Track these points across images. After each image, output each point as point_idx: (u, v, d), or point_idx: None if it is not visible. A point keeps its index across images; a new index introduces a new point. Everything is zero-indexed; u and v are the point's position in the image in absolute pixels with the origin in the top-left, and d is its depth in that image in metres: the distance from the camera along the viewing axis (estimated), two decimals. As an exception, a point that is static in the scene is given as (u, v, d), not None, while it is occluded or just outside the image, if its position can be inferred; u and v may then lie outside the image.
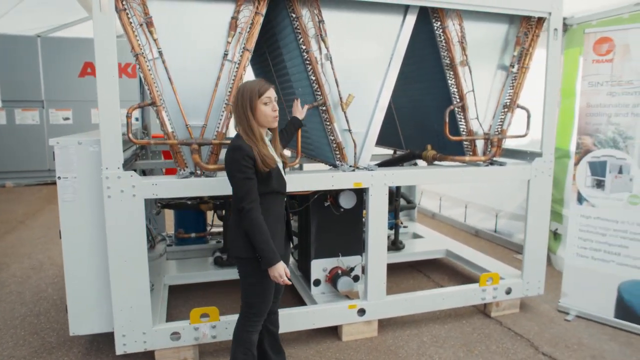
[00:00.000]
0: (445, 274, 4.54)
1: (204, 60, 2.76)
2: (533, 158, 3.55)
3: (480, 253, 4.50)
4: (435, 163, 3.69)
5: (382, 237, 3.22)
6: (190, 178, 2.82)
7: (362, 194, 3.43)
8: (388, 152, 5.01)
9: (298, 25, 2.87)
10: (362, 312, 3.25)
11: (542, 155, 3.53)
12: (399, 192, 4.76)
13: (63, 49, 9.07)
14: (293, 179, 2.98)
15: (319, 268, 3.52)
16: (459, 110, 3.37)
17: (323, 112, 3.03)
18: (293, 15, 2.87)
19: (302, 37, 2.88)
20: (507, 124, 3.49)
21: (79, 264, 2.81)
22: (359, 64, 3.07)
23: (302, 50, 2.92)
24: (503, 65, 3.42)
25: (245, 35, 2.78)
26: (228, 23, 2.74)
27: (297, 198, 3.62)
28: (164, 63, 2.67)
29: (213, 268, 4.03)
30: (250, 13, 2.76)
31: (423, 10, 3.13)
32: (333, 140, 3.10)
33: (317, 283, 3.52)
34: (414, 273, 4.56)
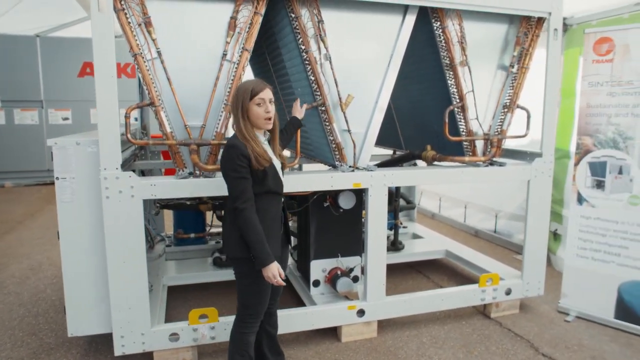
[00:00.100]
0: (445, 275, 4.54)
1: (203, 60, 2.75)
2: (533, 158, 3.54)
3: (480, 253, 4.49)
4: (435, 163, 3.68)
5: (381, 237, 3.21)
6: (189, 178, 2.82)
7: (361, 195, 3.42)
8: (387, 152, 5.01)
9: (297, 25, 2.86)
10: (361, 312, 3.24)
11: (542, 156, 3.52)
12: (399, 192, 4.75)
13: (62, 49, 9.05)
14: (292, 179, 2.98)
15: (318, 269, 3.51)
16: (459, 111, 3.37)
17: (322, 112, 3.02)
18: (292, 15, 2.86)
19: (301, 37, 2.88)
20: (506, 124, 3.48)
21: (77, 265, 2.80)
22: (359, 64, 3.06)
23: (301, 50, 2.91)
24: (503, 66, 3.41)
25: (244, 35, 2.77)
26: (227, 23, 2.73)
27: (296, 198, 3.62)
28: (163, 63, 2.66)
29: (212, 269, 4.02)
30: (250, 13, 2.75)
31: (422, 10, 3.12)
32: (332, 141, 3.09)
33: (316, 284, 3.51)
34: (414, 273, 4.55)
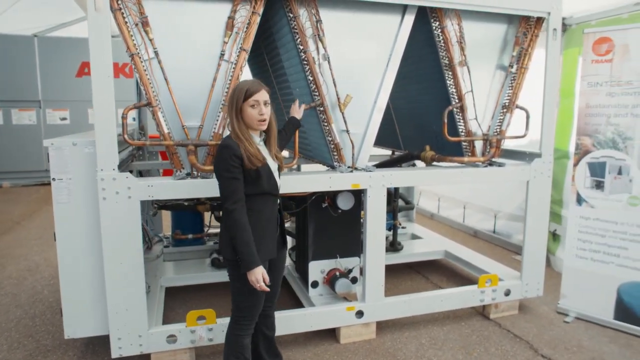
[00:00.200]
0: (444, 275, 4.52)
1: (201, 61, 2.73)
2: (532, 159, 3.53)
3: (479, 254, 4.48)
4: (434, 164, 3.67)
5: (380, 238, 3.20)
6: (187, 179, 2.80)
7: (360, 195, 3.41)
8: (386, 152, 4.99)
9: (295, 25, 2.85)
10: (360, 314, 3.22)
11: (541, 156, 3.51)
12: (397, 192, 4.73)
13: (60, 49, 9.02)
14: (290, 180, 2.96)
15: (317, 270, 3.49)
16: (458, 111, 3.35)
17: (321, 112, 3.01)
18: (290, 15, 2.85)
19: (299, 37, 2.86)
20: (506, 125, 3.47)
21: (74, 267, 2.78)
22: (357, 64, 3.05)
23: (299, 50, 2.90)
24: (502, 66, 3.40)
25: (242, 35, 2.75)
26: (225, 23, 2.72)
27: (295, 199, 3.60)
28: (160, 63, 2.65)
29: (210, 269, 4.00)
30: (247, 13, 2.74)
31: (421, 10, 3.11)
32: (331, 141, 3.08)
33: (314, 285, 3.50)
34: (413, 274, 4.54)
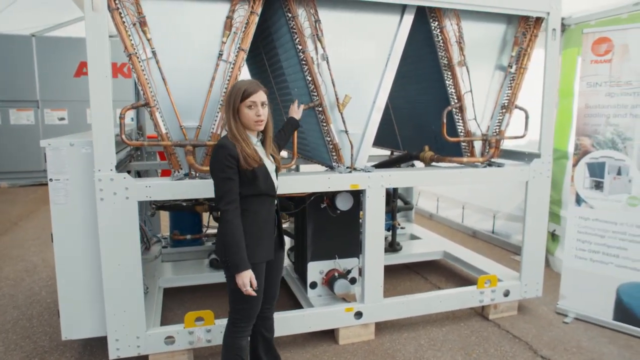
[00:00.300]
0: (443, 276, 4.52)
1: (199, 61, 2.72)
2: (531, 159, 3.52)
3: (478, 254, 4.47)
4: (433, 164, 3.66)
5: (379, 239, 3.19)
6: (185, 180, 2.79)
7: (359, 196, 3.40)
8: (385, 153, 4.98)
9: (294, 25, 2.83)
10: (359, 315, 3.21)
11: (540, 157, 3.50)
12: (396, 193, 4.73)
13: (58, 49, 8.99)
14: (289, 181, 2.95)
15: (316, 270, 3.48)
16: (457, 111, 3.34)
17: (319, 112, 2.99)
18: (289, 15, 2.84)
19: (298, 36, 2.85)
20: (505, 125, 3.46)
21: (71, 268, 2.76)
22: (356, 64, 3.04)
23: (298, 50, 2.88)
24: (501, 66, 3.39)
25: (241, 35, 2.74)
26: (223, 22, 2.70)
27: (293, 200, 3.59)
28: (158, 63, 2.63)
29: (209, 270, 3.99)
30: (246, 12, 2.72)
31: (420, 10, 3.10)
32: (330, 142, 3.07)
33: (313, 286, 3.48)
34: (412, 275, 4.53)
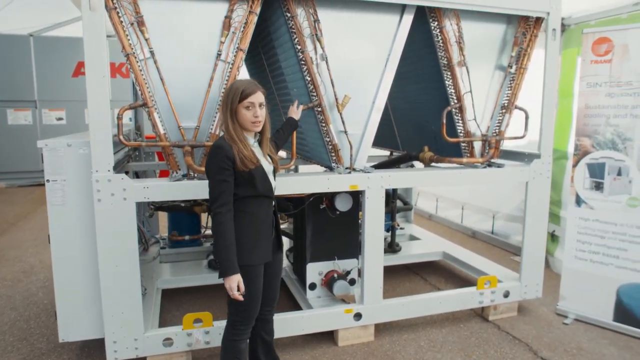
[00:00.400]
0: (443, 277, 4.50)
1: (197, 61, 2.70)
2: (531, 160, 3.51)
3: (478, 255, 4.46)
4: (433, 165, 3.65)
5: (378, 240, 3.18)
6: (183, 181, 2.77)
7: (358, 196, 3.38)
8: (384, 153, 4.97)
9: (293, 25, 2.82)
10: (358, 316, 3.20)
11: (540, 157, 3.49)
12: (396, 193, 4.71)
13: (56, 49, 8.97)
14: (288, 181, 2.94)
15: (315, 272, 3.46)
16: (457, 111, 3.33)
17: (318, 113, 2.98)
18: (288, 15, 2.82)
19: (297, 36, 2.83)
20: (504, 125, 3.45)
21: (69, 270, 2.74)
22: (356, 64, 3.02)
23: (297, 50, 2.87)
24: (501, 66, 3.38)
25: (239, 35, 2.72)
26: (221, 22, 2.69)
27: (292, 200, 3.57)
28: (156, 63, 2.61)
29: (207, 271, 3.97)
30: (244, 12, 2.70)
31: (420, 10, 3.09)
32: (329, 142, 3.05)
33: (312, 287, 3.47)
34: (411, 275, 4.52)
